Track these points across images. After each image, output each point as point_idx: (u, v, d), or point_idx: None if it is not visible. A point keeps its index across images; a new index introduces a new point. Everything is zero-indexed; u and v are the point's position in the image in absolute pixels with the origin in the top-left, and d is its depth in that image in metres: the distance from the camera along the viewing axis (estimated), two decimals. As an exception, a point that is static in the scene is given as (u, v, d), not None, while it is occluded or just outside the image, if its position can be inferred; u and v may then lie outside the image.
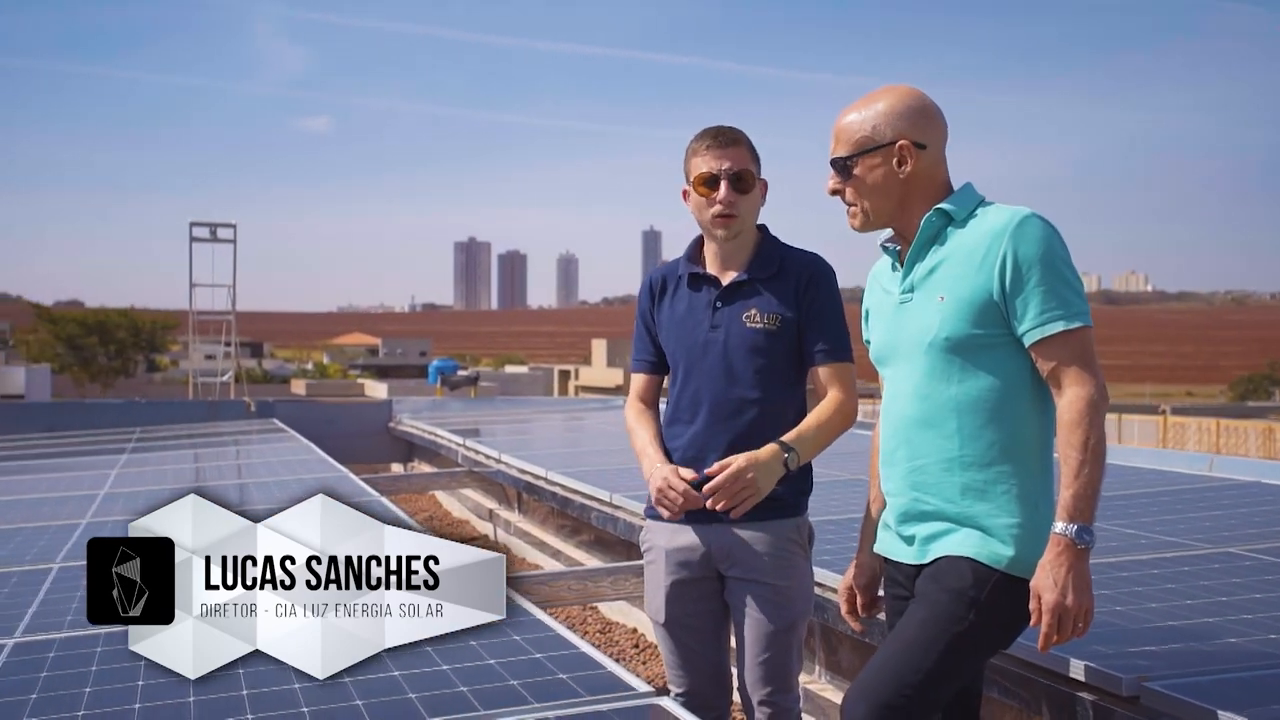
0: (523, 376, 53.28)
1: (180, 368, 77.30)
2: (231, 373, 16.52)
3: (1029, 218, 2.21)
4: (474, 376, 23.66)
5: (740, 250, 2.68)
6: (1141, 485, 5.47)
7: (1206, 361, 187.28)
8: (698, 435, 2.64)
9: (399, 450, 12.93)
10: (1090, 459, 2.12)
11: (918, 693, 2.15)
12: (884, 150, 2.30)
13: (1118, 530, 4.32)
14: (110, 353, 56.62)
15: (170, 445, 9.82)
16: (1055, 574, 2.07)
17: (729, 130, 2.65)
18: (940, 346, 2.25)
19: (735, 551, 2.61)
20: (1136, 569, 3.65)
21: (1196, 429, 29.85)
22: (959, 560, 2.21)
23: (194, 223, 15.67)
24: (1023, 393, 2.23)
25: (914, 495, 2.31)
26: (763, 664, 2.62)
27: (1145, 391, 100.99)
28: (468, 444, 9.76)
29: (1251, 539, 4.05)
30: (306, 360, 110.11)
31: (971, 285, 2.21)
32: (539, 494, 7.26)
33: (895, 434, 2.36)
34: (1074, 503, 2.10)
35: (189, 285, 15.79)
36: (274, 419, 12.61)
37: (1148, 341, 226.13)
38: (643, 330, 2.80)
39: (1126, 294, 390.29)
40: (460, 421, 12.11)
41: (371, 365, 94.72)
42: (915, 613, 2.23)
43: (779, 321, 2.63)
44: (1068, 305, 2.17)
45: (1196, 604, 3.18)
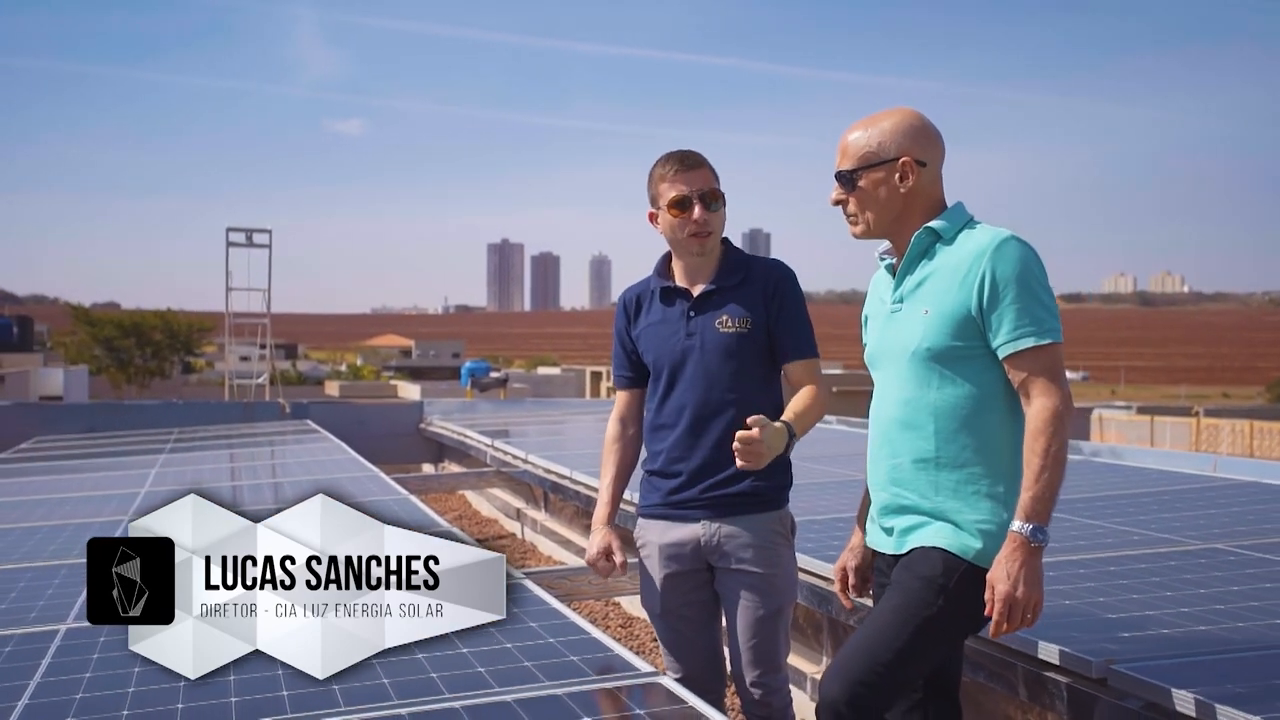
0: (555, 378, 53.51)
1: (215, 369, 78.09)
2: (266, 375, 16.87)
3: (1008, 240, 2.40)
4: (504, 378, 23.95)
5: (707, 263, 2.87)
6: (1146, 485, 5.62)
7: (1243, 363, 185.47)
8: (681, 438, 2.84)
9: (429, 451, 13.19)
10: (1051, 465, 2.30)
11: (889, 671, 2.34)
12: (888, 165, 2.49)
13: (1114, 527, 4.49)
14: (146, 354, 57.22)
15: (208, 446, 10.11)
16: (1009, 568, 2.26)
17: (693, 154, 2.85)
18: (922, 355, 2.44)
19: (723, 544, 2.81)
20: (1125, 563, 3.82)
21: (1230, 431, 29.74)
22: (931, 551, 2.40)
23: (231, 228, 16.07)
24: (996, 401, 2.42)
25: (894, 490, 2.51)
26: (752, 648, 2.82)
27: (1181, 393, 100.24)
28: (496, 444, 9.99)
29: (1240, 535, 4.21)
30: (340, 362, 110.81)
31: (953, 300, 2.40)
32: (564, 493, 7.48)
33: (879, 433, 2.56)
34: (1032, 504, 2.29)
35: (225, 289, 16.20)
36: (308, 420, 12.89)
37: (1184, 343, 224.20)
38: (619, 348, 3.00)
39: (1162, 295, 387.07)
40: (489, 423, 12.35)
41: (405, 367, 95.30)
42: (890, 598, 2.43)
43: (749, 324, 2.82)
44: (1039, 323, 2.35)
45: (1176, 595, 3.36)
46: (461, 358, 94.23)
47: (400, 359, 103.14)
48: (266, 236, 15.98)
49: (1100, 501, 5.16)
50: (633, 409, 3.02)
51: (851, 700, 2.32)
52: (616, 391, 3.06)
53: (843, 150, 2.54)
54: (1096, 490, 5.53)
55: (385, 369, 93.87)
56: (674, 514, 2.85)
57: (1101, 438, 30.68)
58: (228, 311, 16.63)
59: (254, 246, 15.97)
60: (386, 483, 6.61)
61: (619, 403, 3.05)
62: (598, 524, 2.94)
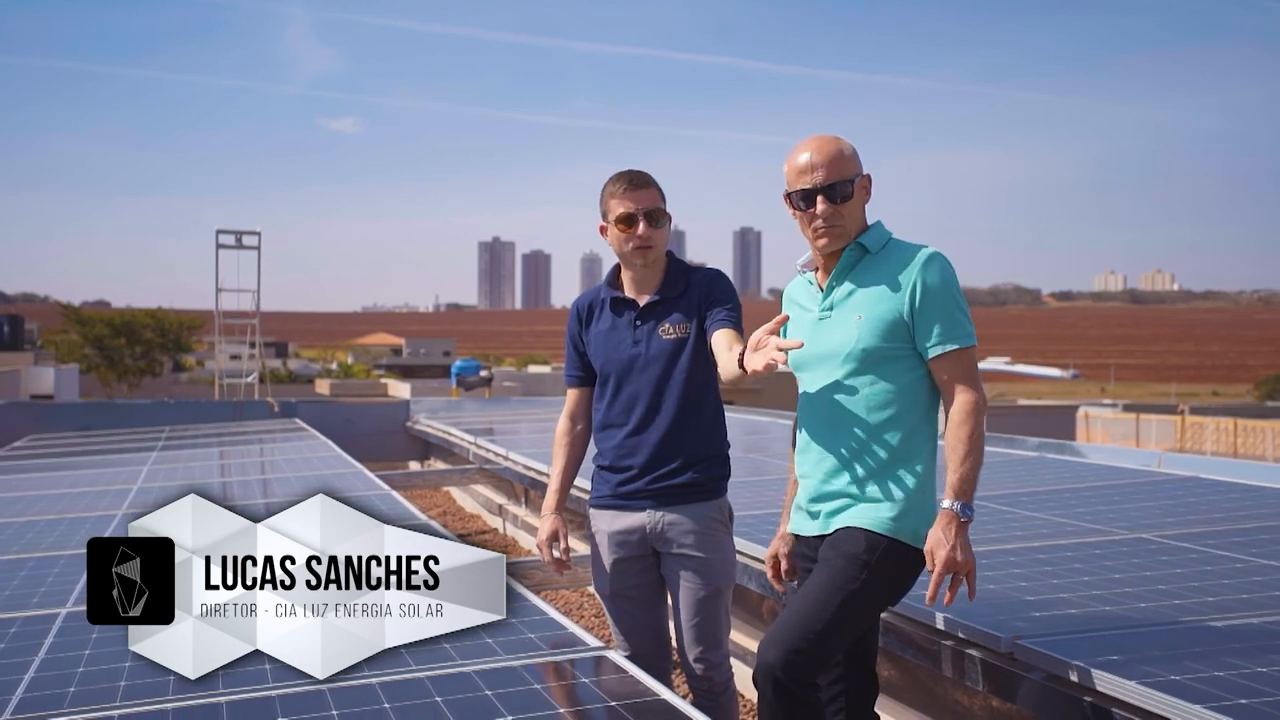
0: (546, 376, 53.68)
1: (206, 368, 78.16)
2: (256, 374, 17.13)
3: (934, 255, 2.72)
4: (488, 378, 24.21)
5: (653, 275, 3.15)
6: (1093, 479, 5.91)
7: (1233, 361, 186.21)
8: (630, 434, 3.11)
9: (415, 448, 13.45)
10: (972, 451, 2.62)
11: (819, 639, 2.62)
12: (859, 180, 2.78)
13: (1050, 519, 4.78)
14: (137, 353, 57.27)
15: (199, 444, 10.36)
16: (946, 536, 2.56)
17: (641, 174, 3.12)
18: (857, 356, 2.73)
19: (667, 531, 3.09)
20: (1054, 551, 4.11)
21: (1214, 428, 30.06)
22: (855, 530, 2.69)
23: (220, 230, 16.37)
24: (918, 397, 2.72)
25: (823, 478, 2.79)
26: (695, 626, 3.10)
27: (1171, 391, 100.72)
28: (479, 442, 10.26)
29: (1167, 526, 4.50)
30: (331, 360, 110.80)
31: (886, 308, 2.70)
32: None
33: (810, 427, 2.84)
34: (959, 485, 2.60)
35: (215, 290, 16.47)
36: (296, 419, 13.15)
37: (1174, 341, 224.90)
38: (572, 350, 3.27)
39: (1152, 293, 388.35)
40: (473, 421, 12.62)
41: (395, 365, 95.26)
42: (818, 574, 2.71)
43: (689, 330, 3.09)
44: (960, 329, 2.68)
45: (1092, 580, 3.64)
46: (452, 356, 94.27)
47: (391, 357, 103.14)
48: (256, 238, 16.30)
49: (1044, 495, 5.44)
50: (582, 406, 3.29)
51: (786, 665, 2.59)
52: (568, 390, 3.33)
53: (827, 166, 2.73)
54: (1043, 485, 5.81)
55: (376, 367, 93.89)
56: (622, 504, 3.13)
57: (1088, 435, 31.00)
58: (218, 311, 16.90)
59: (244, 248, 16.28)
60: (371, 479, 6.88)
61: (570, 400, 3.31)
62: (546, 511, 3.22)
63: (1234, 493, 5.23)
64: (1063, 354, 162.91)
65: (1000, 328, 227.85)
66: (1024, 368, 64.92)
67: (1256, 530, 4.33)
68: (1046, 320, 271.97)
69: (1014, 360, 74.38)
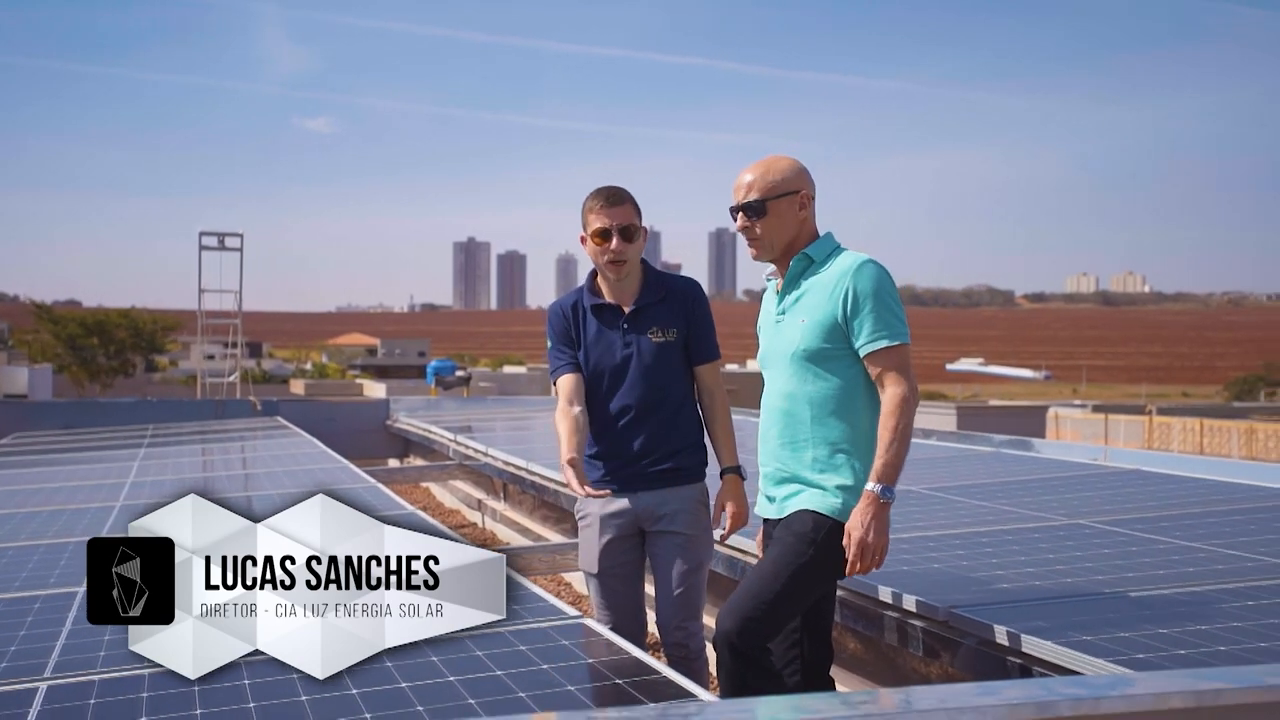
0: (521, 376, 53.94)
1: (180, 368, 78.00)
2: (238, 373, 17.38)
3: (866, 262, 3.04)
4: (466, 377, 24.56)
5: (631, 282, 3.46)
6: (1041, 472, 6.27)
7: (1203, 362, 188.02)
8: (627, 429, 3.42)
9: (395, 446, 13.73)
10: (899, 439, 2.94)
11: (771, 608, 2.94)
12: (791, 197, 3.10)
13: (997, 508, 5.12)
14: (110, 353, 57.16)
15: (185, 441, 10.62)
16: (863, 518, 2.88)
17: (617, 191, 3.42)
18: (800, 356, 3.06)
19: (655, 510, 3.42)
20: (997, 536, 4.45)
21: (1181, 429, 30.61)
22: (804, 513, 3.02)
23: (203, 232, 16.66)
24: (858, 391, 3.05)
25: (777, 466, 3.12)
26: (678, 597, 3.42)
27: (1141, 392, 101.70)
28: (458, 439, 10.56)
29: (1105, 513, 4.85)
30: (305, 360, 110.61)
31: (824, 311, 3.03)
32: (522, 484, 8.06)
33: (768, 419, 3.17)
34: (883, 469, 2.92)
35: (198, 290, 16.74)
36: (278, 417, 13.40)
37: (1145, 342, 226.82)
38: (563, 343, 3.49)
39: (1124, 295, 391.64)
40: (452, 419, 12.91)
41: (370, 365, 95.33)
42: (771, 551, 3.04)
43: (675, 334, 3.43)
44: (891, 328, 3.00)
45: (1027, 560, 3.98)
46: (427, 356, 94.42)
47: (366, 357, 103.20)
48: (238, 240, 16.58)
49: (994, 486, 5.80)
50: (578, 390, 3.41)
51: (741, 631, 2.92)
52: (558, 380, 3.48)
53: (750, 185, 3.10)
54: (995, 477, 6.17)
55: (351, 367, 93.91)
56: (614, 488, 3.44)
57: (1058, 436, 31.49)
58: (200, 312, 17.14)
59: (226, 250, 16.53)
60: (358, 474, 7.17)
61: (565, 386, 3.43)
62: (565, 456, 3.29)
63: (1169, 484, 5.59)
64: (1036, 355, 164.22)
65: (974, 329, 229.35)
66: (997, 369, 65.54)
67: (1182, 516, 4.69)
68: (1020, 321, 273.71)
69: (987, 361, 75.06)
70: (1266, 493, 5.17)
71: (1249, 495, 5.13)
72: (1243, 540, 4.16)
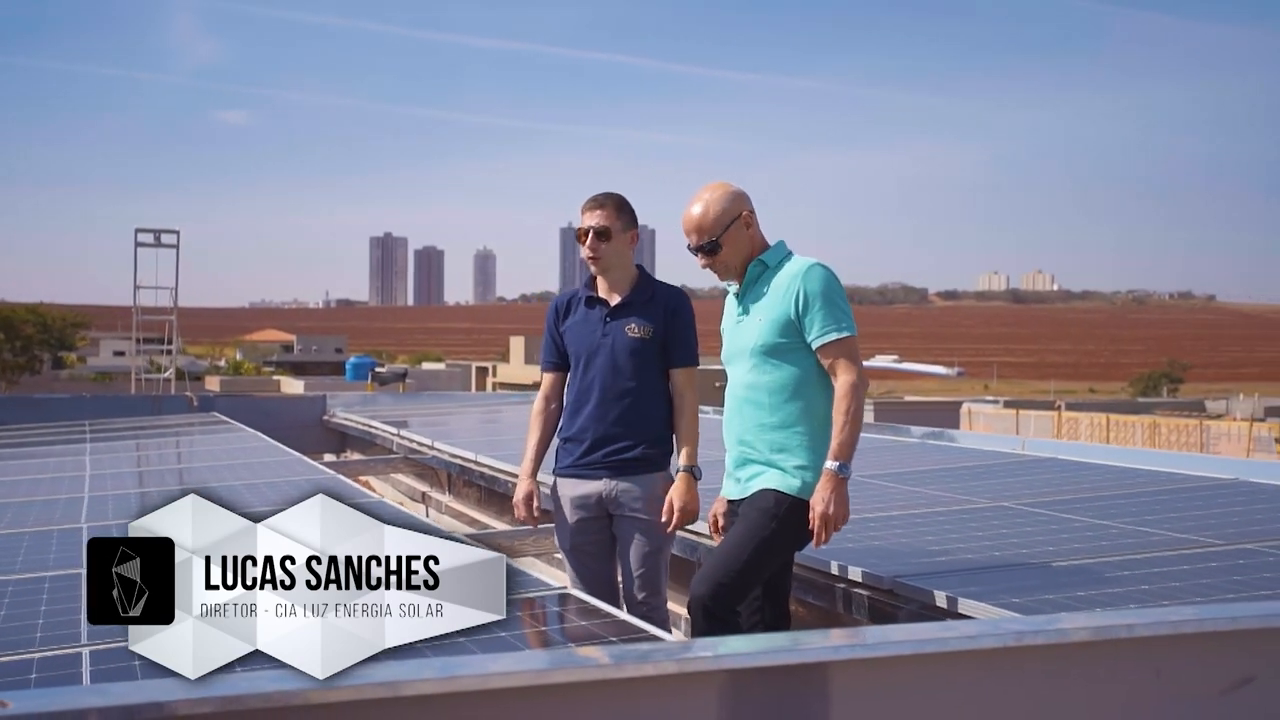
0: (440, 373, 53.90)
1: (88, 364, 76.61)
2: (173, 369, 17.41)
3: (814, 265, 3.44)
4: (403, 372, 24.71)
5: (623, 282, 3.82)
6: (965, 461, 6.73)
7: (1109, 359, 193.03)
8: (593, 412, 3.77)
9: (332, 441, 13.89)
10: (851, 421, 3.33)
11: (739, 576, 3.31)
12: (736, 222, 3.48)
13: (929, 493, 5.56)
14: (16, 349, 56.04)
15: (129, 436, 10.72)
16: (824, 494, 3.27)
17: (599, 196, 3.80)
18: (759, 350, 3.44)
19: (619, 496, 3.76)
20: (931, 518, 4.88)
21: (1088, 423, 31.70)
22: (766, 491, 3.39)
23: (139, 229, 16.73)
24: (812, 380, 3.44)
25: (741, 449, 3.50)
26: (641, 575, 3.77)
27: (1050, 388, 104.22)
28: (402, 433, 10.79)
29: (1023, 496, 5.31)
30: (220, 357, 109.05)
31: (779, 310, 3.42)
32: (470, 475, 8.34)
33: (731, 408, 3.55)
34: (839, 449, 3.31)
35: (134, 287, 16.75)
36: (214, 412, 13.51)
37: (1053, 340, 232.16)
38: (549, 339, 3.90)
39: (1033, 293, 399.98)
40: (391, 414, 13.12)
41: (286, 362, 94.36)
42: (738, 526, 3.42)
43: (651, 333, 3.78)
44: (839, 321, 3.39)
45: (959, 537, 4.41)
46: (344, 353, 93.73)
47: (281, 354, 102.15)
48: (175, 237, 16.64)
49: (924, 474, 6.24)
50: (556, 388, 3.92)
51: (713, 596, 3.29)
52: (543, 374, 3.94)
53: (697, 230, 3.49)
54: (923, 466, 6.62)
55: (266, 364, 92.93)
56: (582, 473, 3.78)
57: (970, 430, 32.48)
58: (135, 307, 17.12)
59: (162, 246, 16.57)
60: (311, 464, 7.42)
61: (545, 383, 3.93)
62: (523, 476, 3.85)
63: (1083, 470, 6.08)
64: (949, 352, 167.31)
65: (888, 326, 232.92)
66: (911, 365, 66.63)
67: (1095, 498, 5.16)
68: (933, 319, 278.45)
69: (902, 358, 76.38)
70: (1168, 477, 5.67)
71: (1153, 480, 5.62)
72: (1149, 518, 4.63)
